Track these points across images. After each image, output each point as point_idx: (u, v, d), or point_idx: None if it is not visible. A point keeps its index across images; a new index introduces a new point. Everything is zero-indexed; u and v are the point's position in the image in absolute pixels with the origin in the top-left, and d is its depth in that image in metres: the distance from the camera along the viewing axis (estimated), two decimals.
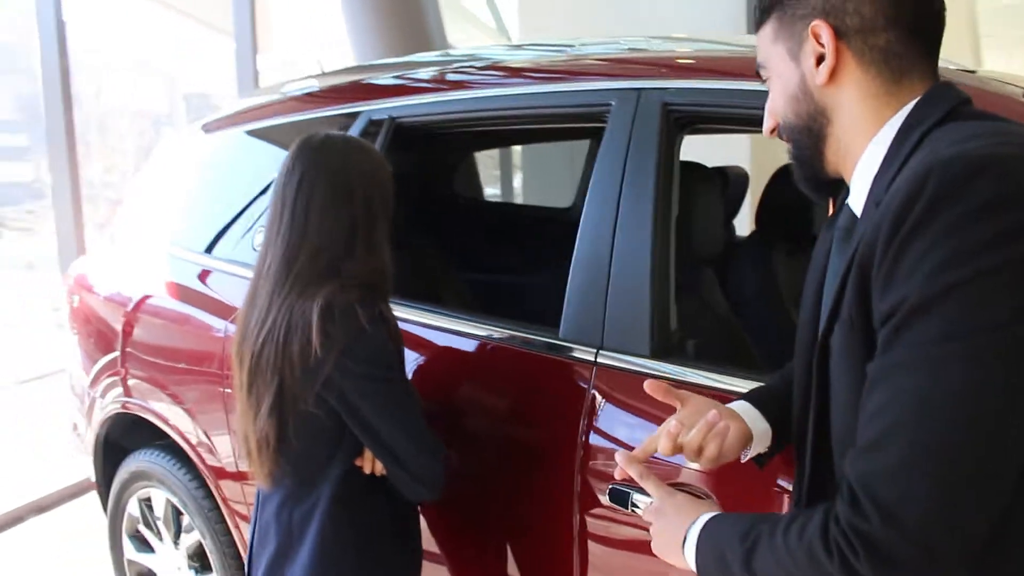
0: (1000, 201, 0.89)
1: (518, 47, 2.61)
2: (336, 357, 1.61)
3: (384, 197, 1.76)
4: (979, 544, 0.91)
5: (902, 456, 0.90)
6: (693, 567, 1.15)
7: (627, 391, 1.75)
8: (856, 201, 1.13)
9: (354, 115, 2.42)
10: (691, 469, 1.60)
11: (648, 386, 1.34)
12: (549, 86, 2.07)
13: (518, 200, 6.79)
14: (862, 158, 1.11)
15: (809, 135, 1.15)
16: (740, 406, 1.39)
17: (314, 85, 2.71)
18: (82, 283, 3.17)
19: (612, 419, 1.76)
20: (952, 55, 1.92)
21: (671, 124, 1.85)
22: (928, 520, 0.88)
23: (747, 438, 1.34)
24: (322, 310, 1.61)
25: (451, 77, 2.34)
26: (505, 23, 9.01)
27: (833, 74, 1.10)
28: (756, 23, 1.20)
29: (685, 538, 1.16)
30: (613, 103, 1.90)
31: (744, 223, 3.26)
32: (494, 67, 2.29)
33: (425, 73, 2.41)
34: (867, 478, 0.92)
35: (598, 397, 1.77)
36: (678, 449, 1.24)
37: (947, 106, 1.06)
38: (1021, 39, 9.18)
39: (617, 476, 1.31)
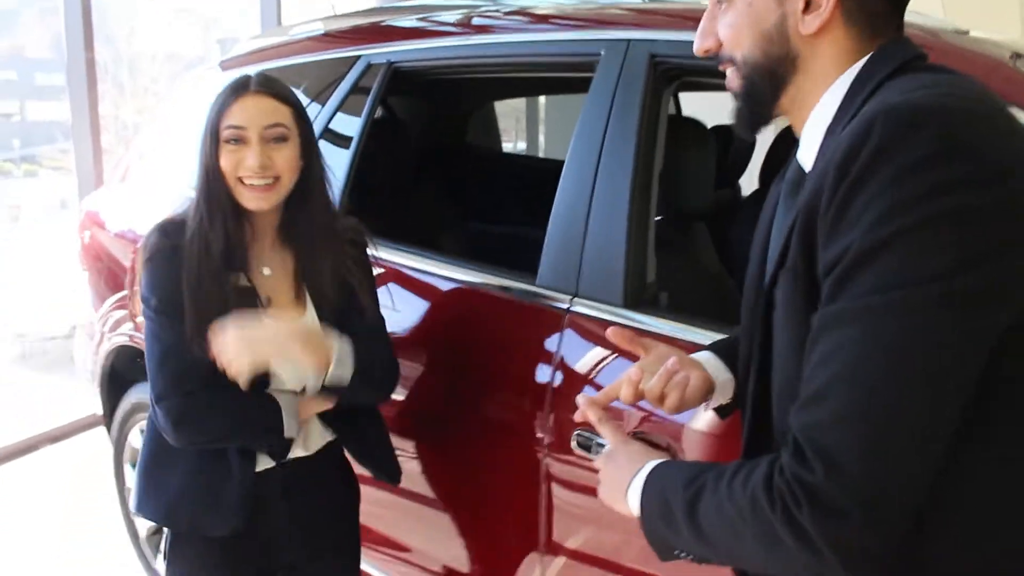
0: (943, 152, 0.89)
1: None
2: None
3: (203, 140, 1.65)
4: (919, 497, 0.91)
5: (843, 407, 0.90)
6: (637, 514, 1.14)
7: (598, 338, 1.77)
8: (806, 154, 1.11)
9: (354, 59, 2.43)
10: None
11: (611, 333, 1.34)
12: (541, 34, 2.07)
13: (541, 153, 6.79)
14: (815, 110, 1.09)
15: (772, 78, 1.10)
16: (703, 356, 1.39)
17: (319, 28, 2.72)
18: (94, 219, 3.22)
19: (582, 365, 1.78)
20: (1002, 28, 1.90)
21: (658, 77, 1.84)
22: (867, 471, 0.88)
23: (709, 387, 1.34)
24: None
25: (453, 23, 2.34)
26: None
27: (820, 27, 1.06)
28: None
29: (630, 484, 1.15)
30: (602, 53, 1.90)
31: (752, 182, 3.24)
32: (493, 14, 2.29)
33: (423, 18, 2.41)
34: (810, 429, 0.92)
35: (570, 343, 1.79)
36: (640, 396, 1.25)
37: (900, 59, 1.04)
38: None
39: (577, 418, 1.32)
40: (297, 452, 1.77)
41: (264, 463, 1.74)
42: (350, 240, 1.78)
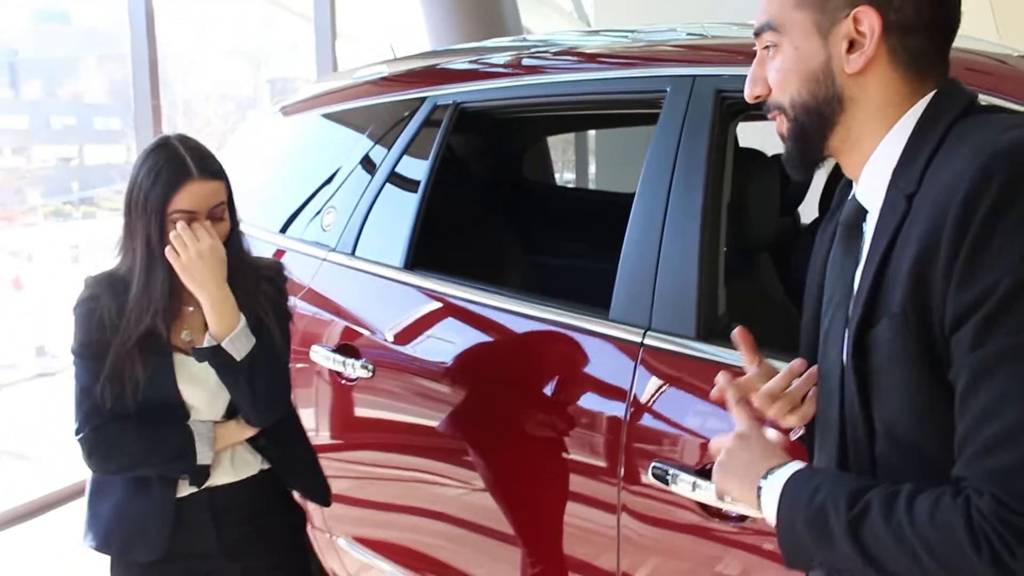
0: None
1: (583, 33, 2.65)
2: None
3: (143, 217, 1.76)
4: None
5: None
6: (766, 511, 1.12)
7: (672, 371, 1.80)
8: (868, 195, 1.12)
9: (420, 100, 2.50)
10: None
11: (738, 332, 1.34)
12: (607, 73, 2.11)
13: (592, 185, 6.83)
14: (877, 151, 1.11)
15: (819, 119, 1.12)
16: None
17: (384, 71, 2.79)
18: None
19: (656, 398, 1.80)
20: None
21: (724, 111, 1.88)
22: None
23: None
24: None
25: (513, 64, 2.40)
26: (585, 9, 9.04)
27: (864, 65, 1.09)
28: None
29: (766, 476, 1.13)
30: (668, 90, 1.94)
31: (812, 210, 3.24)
32: (554, 54, 2.34)
33: (490, 59, 2.47)
34: (1003, 475, 0.92)
35: (643, 377, 1.82)
36: (777, 398, 1.25)
37: (965, 100, 1.08)
38: None
39: (713, 396, 1.30)
40: (226, 478, 1.89)
41: (188, 489, 1.85)
42: (266, 278, 1.91)
